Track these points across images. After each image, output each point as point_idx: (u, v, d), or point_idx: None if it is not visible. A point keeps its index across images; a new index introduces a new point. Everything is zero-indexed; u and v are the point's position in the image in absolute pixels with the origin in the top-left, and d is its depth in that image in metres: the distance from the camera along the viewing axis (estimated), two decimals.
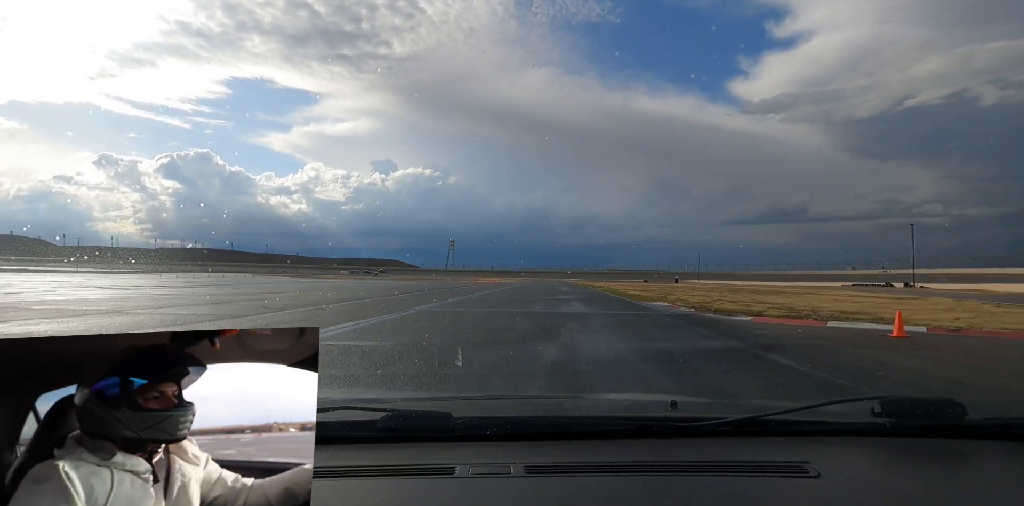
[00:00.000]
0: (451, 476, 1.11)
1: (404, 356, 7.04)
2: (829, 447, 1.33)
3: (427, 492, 1.06)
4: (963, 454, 1.31)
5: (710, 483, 1.12)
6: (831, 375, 6.38)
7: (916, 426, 1.38)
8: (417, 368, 6.19)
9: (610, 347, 8.70)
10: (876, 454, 1.29)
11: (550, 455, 1.25)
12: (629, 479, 1.13)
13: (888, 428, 1.37)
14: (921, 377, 6.47)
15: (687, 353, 8.04)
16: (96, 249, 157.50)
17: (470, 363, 6.60)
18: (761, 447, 1.33)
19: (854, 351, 8.70)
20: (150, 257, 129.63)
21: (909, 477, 1.19)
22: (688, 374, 6.40)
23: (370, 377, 5.65)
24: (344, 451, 1.23)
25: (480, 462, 1.17)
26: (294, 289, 29.90)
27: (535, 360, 7.06)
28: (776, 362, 7.27)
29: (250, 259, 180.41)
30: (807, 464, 1.17)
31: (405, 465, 1.16)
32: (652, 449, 1.31)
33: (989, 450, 1.32)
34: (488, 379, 5.74)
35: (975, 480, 1.19)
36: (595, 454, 1.26)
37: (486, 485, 1.09)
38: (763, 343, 9.31)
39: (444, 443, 1.31)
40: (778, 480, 1.13)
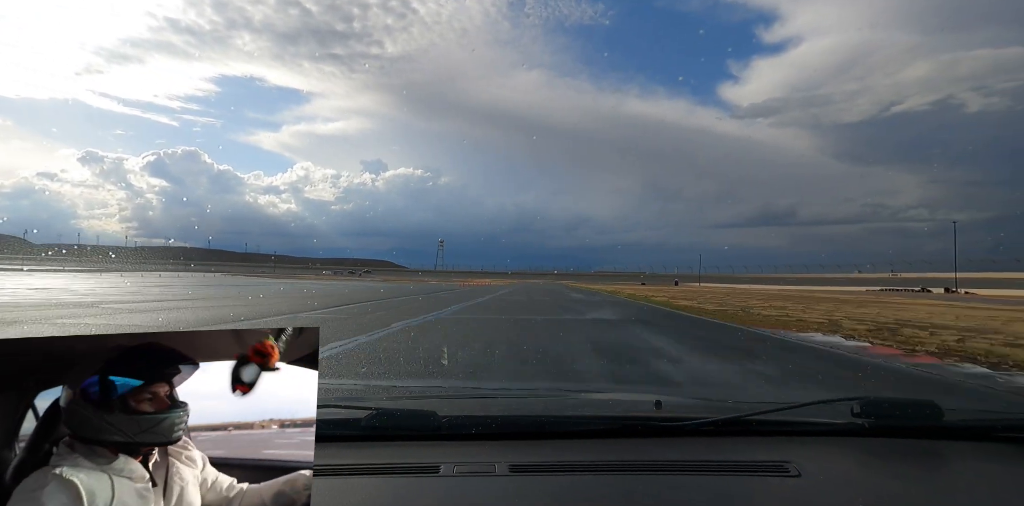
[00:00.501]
0: (436, 475, 1.12)
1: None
2: (810, 447, 1.34)
3: (412, 491, 1.07)
4: (941, 454, 1.33)
5: (692, 482, 1.13)
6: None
7: (895, 426, 1.40)
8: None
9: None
10: (856, 454, 1.31)
11: (535, 454, 1.26)
12: (613, 478, 1.14)
13: (867, 428, 1.39)
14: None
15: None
16: (64, 247, 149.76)
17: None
18: (743, 447, 1.35)
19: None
20: (127, 255, 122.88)
21: (888, 477, 1.20)
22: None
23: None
24: (328, 449, 1.19)
25: (465, 461, 1.18)
26: (246, 293, 23.67)
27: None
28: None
29: (232, 258, 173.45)
30: (788, 464, 1.19)
31: (390, 464, 1.17)
32: (636, 448, 1.32)
33: (967, 450, 1.34)
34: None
35: (953, 480, 1.22)
36: (580, 453, 1.27)
37: (471, 484, 1.09)
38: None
39: (429, 442, 1.31)
40: (759, 479, 1.14)
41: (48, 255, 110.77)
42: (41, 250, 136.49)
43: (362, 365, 6.10)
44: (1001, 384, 6.27)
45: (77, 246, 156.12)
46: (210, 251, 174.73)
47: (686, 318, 16.05)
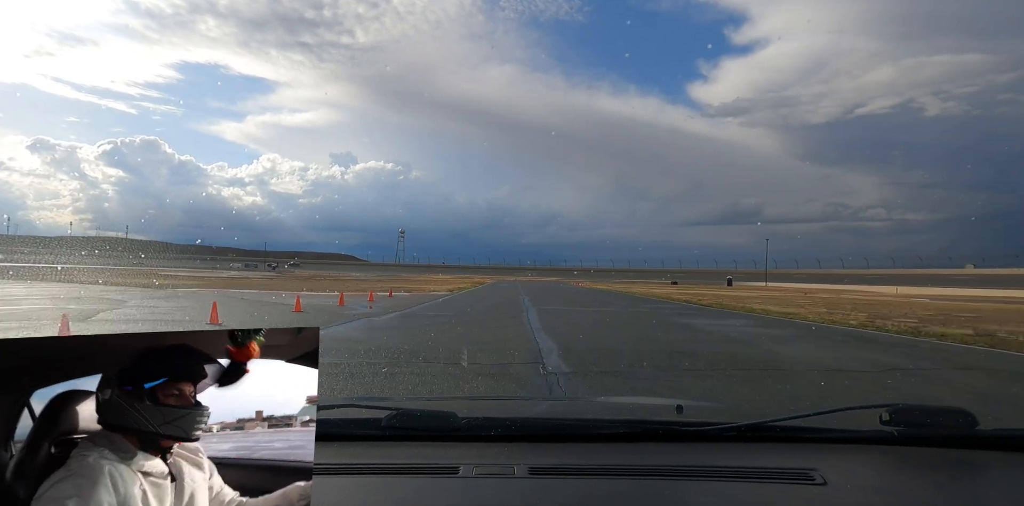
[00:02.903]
0: (455, 476, 1.13)
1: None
2: (836, 455, 1.31)
3: (430, 491, 1.09)
4: (972, 465, 1.29)
5: (715, 488, 1.12)
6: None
7: (925, 436, 1.36)
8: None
9: None
10: (884, 463, 1.28)
11: (554, 457, 1.25)
12: (633, 483, 1.13)
13: (896, 437, 1.35)
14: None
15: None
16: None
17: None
18: (767, 453, 1.32)
19: None
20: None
21: (917, 487, 1.17)
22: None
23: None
24: (348, 448, 1.24)
25: (484, 462, 1.18)
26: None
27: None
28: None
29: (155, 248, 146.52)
30: (813, 471, 1.16)
31: (409, 464, 1.18)
32: (657, 453, 1.31)
33: (999, 461, 1.30)
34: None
35: (984, 491, 1.19)
36: (599, 457, 1.27)
37: (489, 485, 1.11)
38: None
39: (448, 443, 1.32)
40: (784, 487, 1.12)
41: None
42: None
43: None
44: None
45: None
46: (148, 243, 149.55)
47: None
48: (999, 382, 7.42)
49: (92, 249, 78.76)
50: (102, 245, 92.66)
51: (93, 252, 75.23)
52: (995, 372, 8.24)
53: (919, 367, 8.51)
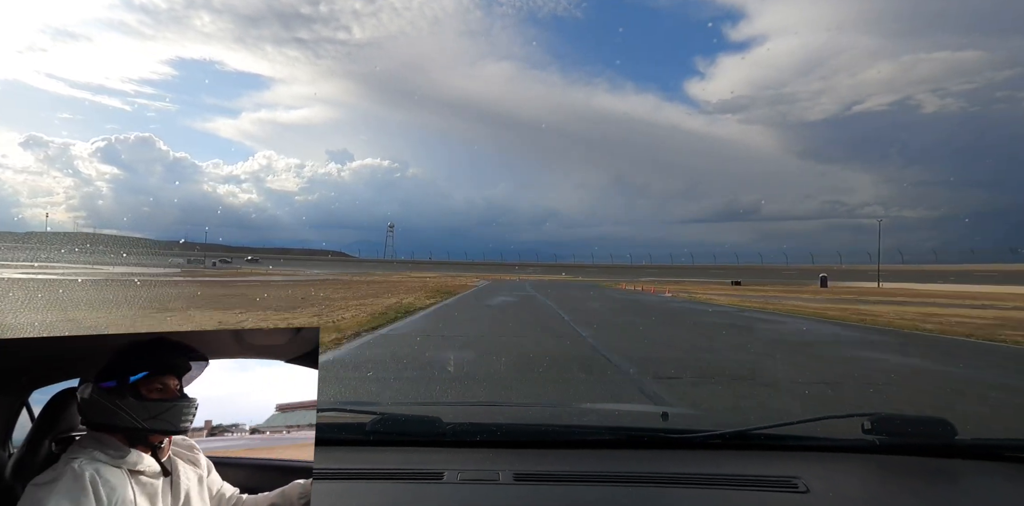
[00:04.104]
0: (439, 481, 1.14)
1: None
2: (818, 463, 1.35)
3: (415, 496, 1.10)
4: (952, 473, 1.34)
5: (699, 495, 1.14)
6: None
7: (906, 444, 1.40)
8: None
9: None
10: (865, 471, 1.32)
11: (539, 463, 1.27)
12: (617, 490, 1.15)
13: (878, 445, 1.39)
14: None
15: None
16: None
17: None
18: (750, 461, 1.35)
19: None
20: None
21: (897, 495, 1.21)
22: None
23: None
24: (332, 453, 1.23)
25: (469, 468, 1.20)
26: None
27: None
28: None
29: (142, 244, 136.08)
30: (796, 479, 1.19)
31: (393, 469, 1.20)
32: (642, 460, 1.33)
33: (978, 470, 1.35)
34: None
35: (963, 499, 1.23)
36: (584, 463, 1.29)
37: (474, 491, 1.12)
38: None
39: (433, 448, 1.34)
40: (766, 494, 1.15)
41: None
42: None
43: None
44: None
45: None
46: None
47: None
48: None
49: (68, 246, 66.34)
50: (67, 242, 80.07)
51: (72, 249, 63.02)
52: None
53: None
